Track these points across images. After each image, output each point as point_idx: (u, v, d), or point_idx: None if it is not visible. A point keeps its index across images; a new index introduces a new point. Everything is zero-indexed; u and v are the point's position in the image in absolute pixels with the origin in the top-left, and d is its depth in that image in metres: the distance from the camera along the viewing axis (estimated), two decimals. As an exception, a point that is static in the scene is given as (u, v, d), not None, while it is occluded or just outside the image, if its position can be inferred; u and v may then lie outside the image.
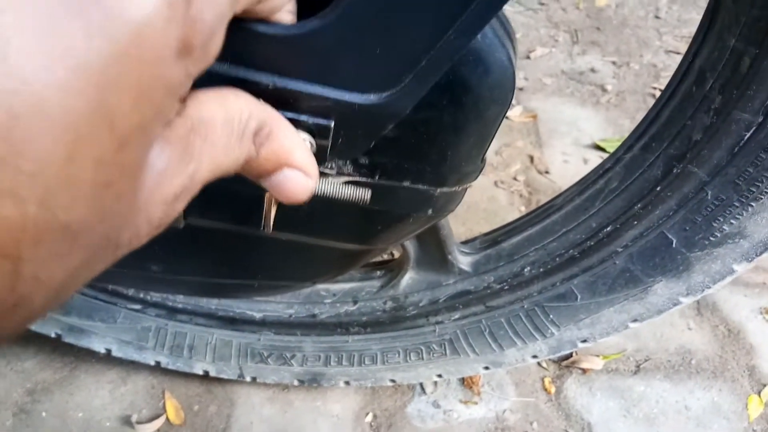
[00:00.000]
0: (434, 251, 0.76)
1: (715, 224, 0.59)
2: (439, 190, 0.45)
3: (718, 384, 0.97)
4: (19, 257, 0.17)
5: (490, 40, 0.36)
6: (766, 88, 0.50)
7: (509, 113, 1.45)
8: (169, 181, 0.23)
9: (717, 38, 0.53)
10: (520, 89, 1.54)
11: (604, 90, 1.55)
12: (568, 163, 1.33)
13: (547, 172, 1.31)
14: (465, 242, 0.80)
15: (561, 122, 1.44)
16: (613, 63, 1.64)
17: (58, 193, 0.18)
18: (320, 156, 0.38)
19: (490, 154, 1.34)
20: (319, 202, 0.45)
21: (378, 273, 0.83)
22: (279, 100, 0.34)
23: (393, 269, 0.82)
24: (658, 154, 0.59)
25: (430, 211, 0.47)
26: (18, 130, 0.16)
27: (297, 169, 0.30)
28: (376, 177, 0.43)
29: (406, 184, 0.44)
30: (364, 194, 0.41)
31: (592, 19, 1.80)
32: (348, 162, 0.42)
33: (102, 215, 0.20)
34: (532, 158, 1.34)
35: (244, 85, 0.33)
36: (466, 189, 0.48)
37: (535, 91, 1.53)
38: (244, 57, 0.33)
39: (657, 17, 1.82)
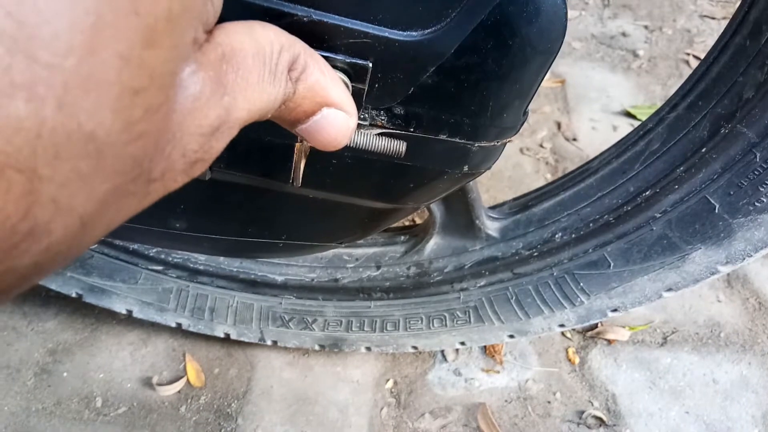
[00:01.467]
0: (461, 216, 0.74)
1: (761, 189, 0.56)
2: (477, 145, 0.43)
3: (747, 357, 0.95)
4: (35, 172, 0.15)
5: (540, -24, 0.33)
6: (830, 40, 0.47)
7: (536, 78, 1.41)
8: (204, 109, 0.21)
9: (777, -14, 0.49)
10: (547, 54, 1.49)
11: (635, 55, 1.49)
12: (597, 130, 1.29)
13: (574, 140, 1.27)
14: (493, 207, 0.77)
15: (590, 88, 1.39)
16: (645, 27, 1.57)
17: (80, 94, 0.15)
18: (356, 101, 0.35)
19: (515, 121, 1.30)
20: (349, 155, 0.43)
21: (402, 238, 0.81)
22: (314, 36, 0.32)
23: (417, 234, 0.80)
24: (705, 113, 0.56)
25: (465, 168, 0.45)
26: (29, 3, 0.13)
27: (337, 107, 0.27)
28: (412, 129, 0.41)
29: (443, 137, 0.41)
30: (399, 147, 0.39)
31: (623, -18, 1.74)
32: (382, 112, 0.40)
33: (131, 130, 0.17)
34: (559, 125, 1.30)
35: (278, 17, 0.31)
36: (505, 144, 0.45)
37: (564, 56, 1.48)
38: None
39: (691, -19, 1.74)
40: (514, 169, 1.22)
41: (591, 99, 1.36)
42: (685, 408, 0.89)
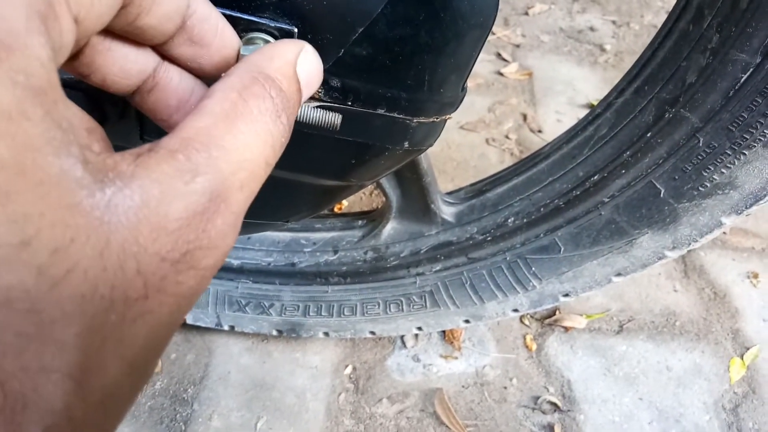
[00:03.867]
0: (417, 200, 0.74)
1: (705, 173, 0.56)
2: (415, 120, 0.43)
3: (701, 346, 0.97)
4: None
5: (471, -54, 0.34)
6: (766, 25, 0.48)
7: (504, 70, 1.41)
8: (158, 211, 0.21)
9: (717, -28, 0.50)
10: (517, 46, 1.50)
11: (602, 50, 1.51)
12: (562, 122, 1.30)
13: (539, 131, 1.28)
14: (449, 192, 0.78)
15: (557, 81, 1.41)
16: (613, 22, 1.59)
17: None
18: (283, 69, 0.35)
19: (482, 111, 1.31)
20: (288, 129, 0.43)
21: (359, 222, 0.81)
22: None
23: (375, 219, 0.80)
24: (651, 98, 0.57)
25: (406, 144, 0.45)
26: None
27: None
28: (349, 102, 0.41)
29: (381, 111, 0.41)
30: (334, 119, 0.39)
31: (593, -23, 1.75)
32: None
33: (46, 276, 0.18)
34: (525, 116, 1.31)
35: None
36: (445, 121, 0.45)
37: (532, 49, 1.49)
38: None
39: (660, -22, 1.77)
40: (479, 159, 1.22)
41: (557, 92, 1.38)
42: (639, 394, 0.90)
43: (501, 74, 1.41)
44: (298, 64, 0.29)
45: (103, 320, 0.19)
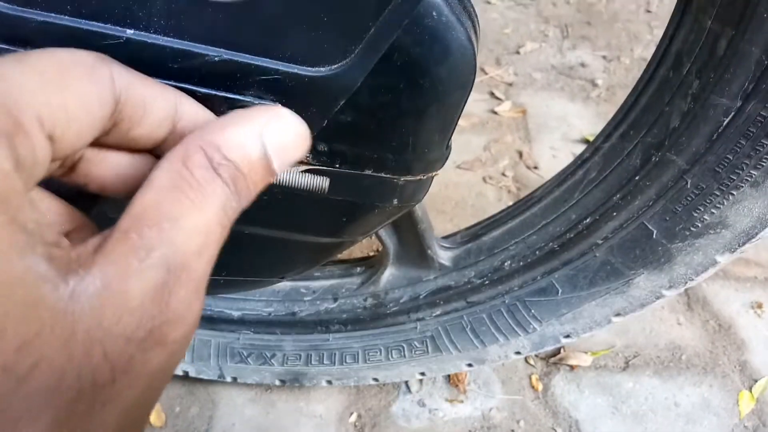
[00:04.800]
0: (414, 246, 0.74)
1: (695, 214, 0.57)
2: (403, 179, 0.43)
3: (709, 380, 0.96)
4: None
5: (446, 17, 0.35)
6: (744, 71, 0.49)
7: (498, 108, 1.43)
8: (117, 294, 0.22)
9: (693, 20, 0.51)
10: (510, 84, 1.52)
11: (594, 85, 1.53)
12: (557, 158, 1.32)
13: (536, 168, 1.30)
14: (446, 237, 0.78)
15: (550, 117, 1.42)
16: (604, 57, 1.62)
17: None
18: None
19: (478, 150, 1.33)
20: (278, 192, 0.44)
21: (358, 269, 0.81)
22: (225, 75, 0.33)
23: (373, 265, 0.81)
24: (636, 143, 0.58)
25: (395, 201, 0.45)
26: None
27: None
28: (337, 165, 0.42)
29: (369, 172, 0.42)
30: (323, 183, 0.40)
31: (582, 14, 1.79)
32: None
33: (11, 372, 0.19)
34: (521, 153, 1.33)
35: (190, 57, 0.32)
36: (432, 177, 0.46)
37: (525, 86, 1.52)
38: (190, 29, 0.32)
39: (648, 11, 1.80)
40: (477, 197, 1.23)
41: (551, 128, 1.39)
42: (648, 432, 0.89)
43: (495, 113, 1.43)
44: (264, 133, 0.28)
45: (71, 411, 0.20)
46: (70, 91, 0.24)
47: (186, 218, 0.24)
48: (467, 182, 1.25)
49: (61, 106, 0.23)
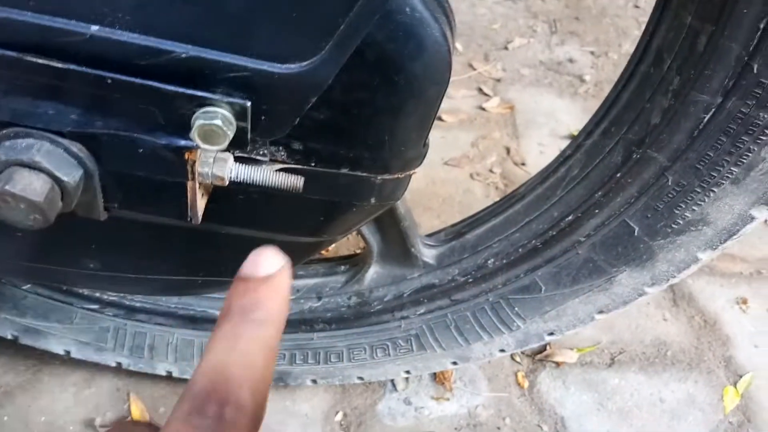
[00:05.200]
0: (397, 244, 0.74)
1: (676, 211, 0.57)
2: (380, 178, 0.43)
3: (694, 376, 0.96)
4: None
5: (420, 14, 0.34)
6: (724, 67, 0.49)
7: (486, 104, 1.43)
8: None
9: (673, 16, 0.51)
10: (498, 80, 1.52)
11: (582, 80, 1.53)
12: (545, 154, 1.31)
13: (523, 164, 1.29)
14: (429, 235, 0.78)
15: (538, 113, 1.42)
16: (592, 53, 1.62)
17: None
18: (241, 138, 0.36)
19: (465, 146, 1.32)
20: (254, 191, 0.43)
21: (342, 268, 0.81)
22: (194, 72, 0.32)
23: (357, 264, 0.80)
24: (618, 140, 0.58)
25: (373, 200, 0.45)
26: None
27: None
28: (312, 164, 0.41)
29: (345, 171, 0.42)
30: (297, 182, 0.39)
31: (570, 9, 1.79)
32: (281, 148, 0.40)
33: None
34: (508, 150, 1.32)
35: (156, 54, 0.31)
36: (410, 176, 0.46)
37: (513, 82, 1.51)
38: (156, 25, 0.31)
39: (636, 6, 1.80)
40: (464, 194, 1.23)
41: (539, 124, 1.39)
42: (634, 428, 0.89)
43: (483, 109, 1.42)
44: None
45: None
46: None
47: None
48: (455, 179, 1.25)
49: None
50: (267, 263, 0.32)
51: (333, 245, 1.12)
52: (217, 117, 0.32)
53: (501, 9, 1.78)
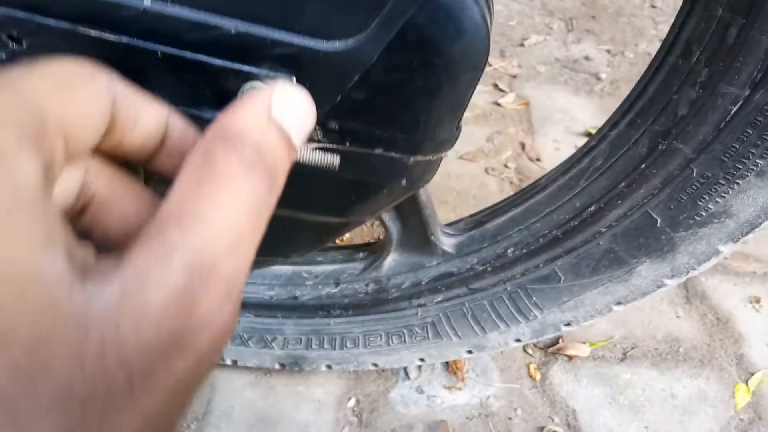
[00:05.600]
0: (417, 232, 0.74)
1: (700, 203, 0.57)
2: (412, 159, 0.44)
3: (706, 372, 0.96)
4: None
5: (461, -4, 0.35)
6: (753, 59, 0.49)
7: (501, 100, 1.44)
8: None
9: (703, 8, 0.51)
10: (513, 77, 1.52)
11: (598, 78, 1.53)
12: (560, 150, 1.32)
13: (538, 160, 1.30)
14: (449, 224, 0.78)
15: (554, 110, 1.43)
16: (608, 51, 1.62)
17: None
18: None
19: (481, 141, 1.33)
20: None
21: (360, 255, 0.81)
22: (241, 48, 0.33)
23: (376, 251, 0.81)
24: (643, 131, 0.58)
25: (404, 182, 0.46)
26: None
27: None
28: (347, 143, 0.42)
29: (379, 151, 0.42)
30: (333, 160, 0.40)
31: (587, 7, 1.79)
32: (317, 127, 0.41)
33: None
34: (523, 145, 1.33)
35: (205, 30, 0.32)
36: (441, 158, 0.46)
37: (529, 79, 1.52)
38: (207, 0, 0.32)
39: (653, 6, 1.80)
40: (479, 188, 1.23)
41: (555, 121, 1.39)
42: (645, 423, 0.90)
43: (498, 104, 1.43)
44: (274, 109, 0.27)
45: (82, 415, 0.19)
46: (77, 96, 0.24)
47: (211, 214, 0.23)
48: (470, 173, 1.26)
49: (71, 110, 0.23)
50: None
51: (349, 234, 1.12)
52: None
53: (517, 6, 1.79)
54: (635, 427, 0.89)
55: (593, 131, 1.33)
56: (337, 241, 1.10)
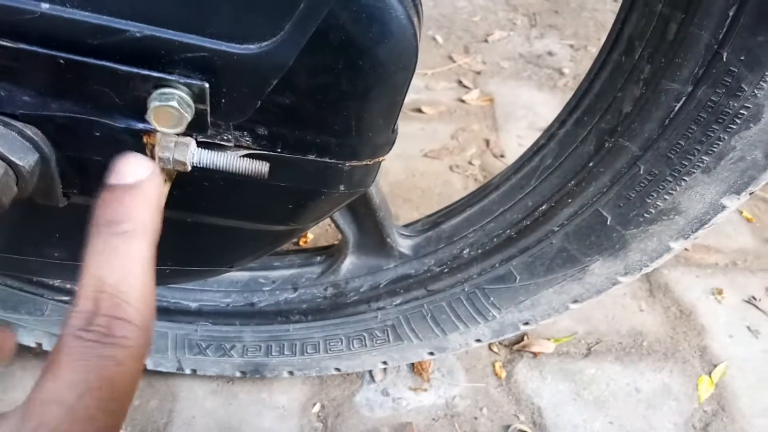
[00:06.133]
0: (373, 235, 0.73)
1: (648, 200, 0.57)
2: (348, 164, 0.42)
3: (669, 365, 0.97)
4: None
5: (384, -4, 0.34)
6: (694, 55, 0.49)
7: (465, 96, 1.43)
8: None
9: (644, 4, 0.51)
10: (478, 73, 1.52)
11: (561, 73, 1.53)
12: (524, 146, 1.31)
13: (502, 156, 1.29)
14: (405, 225, 0.77)
15: (518, 106, 1.42)
16: (571, 46, 1.62)
17: None
18: (201, 121, 0.35)
19: (445, 138, 1.32)
20: (219, 178, 0.42)
21: (318, 258, 0.80)
22: (149, 52, 0.32)
23: (333, 254, 0.80)
24: (590, 129, 0.58)
25: (342, 187, 0.44)
26: None
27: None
28: (278, 149, 0.40)
29: (312, 157, 0.41)
30: (262, 168, 0.39)
31: (550, 3, 1.79)
32: (245, 132, 0.39)
33: None
34: (488, 142, 1.33)
35: (110, 34, 0.31)
36: (380, 163, 0.45)
37: (493, 75, 1.51)
38: (109, 3, 0.30)
39: (615, 0, 1.81)
40: (443, 186, 1.23)
41: (518, 116, 1.39)
42: (609, 418, 0.90)
43: (463, 101, 1.42)
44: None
45: None
46: None
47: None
48: (434, 171, 1.25)
49: None
50: (132, 170, 0.31)
51: (311, 237, 1.11)
52: (174, 98, 0.31)
53: (481, 2, 1.78)
54: (600, 423, 0.89)
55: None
56: (294, 245, 1.08)
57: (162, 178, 0.33)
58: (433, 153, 1.28)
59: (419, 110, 1.38)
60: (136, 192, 0.30)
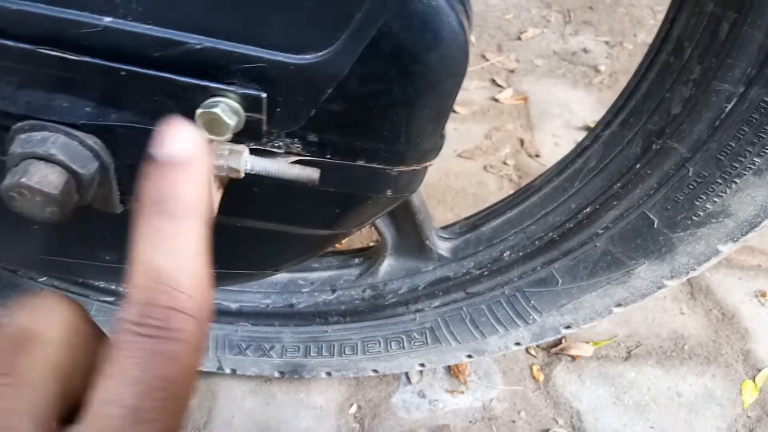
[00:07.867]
0: (412, 237, 0.73)
1: (697, 203, 0.56)
2: (396, 170, 0.43)
3: (712, 369, 0.95)
4: None
5: (436, 2, 0.34)
6: (747, 56, 0.47)
7: (499, 95, 1.42)
8: None
9: (694, 3, 0.50)
10: (511, 71, 1.50)
11: (596, 71, 1.51)
12: (559, 145, 1.30)
13: (537, 156, 1.28)
14: (444, 227, 0.77)
15: (552, 104, 1.41)
16: (606, 43, 1.60)
17: None
18: (255, 130, 0.35)
19: (479, 138, 1.31)
20: (269, 184, 0.43)
21: (356, 260, 0.80)
22: (207, 64, 0.32)
23: (371, 256, 0.80)
24: (637, 130, 0.57)
25: (389, 192, 0.44)
26: None
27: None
28: (328, 156, 0.41)
29: (361, 163, 0.41)
30: (313, 174, 0.39)
31: (585, -1, 1.77)
32: (296, 140, 0.40)
33: None
34: (522, 141, 1.31)
35: (169, 46, 0.31)
36: (426, 168, 0.45)
37: (527, 73, 1.50)
38: (169, 16, 0.31)
39: (653, -4, 1.78)
40: (478, 186, 1.22)
41: (553, 115, 1.38)
42: (650, 423, 0.88)
43: (496, 100, 1.41)
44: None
45: None
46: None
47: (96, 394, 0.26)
48: (468, 171, 1.24)
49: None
50: (180, 143, 0.27)
51: (346, 238, 1.11)
52: (218, 106, 0.32)
53: (514, -1, 1.77)
54: (641, 427, 0.88)
55: (593, 125, 1.31)
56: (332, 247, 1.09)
57: (209, 151, 0.31)
58: (466, 153, 1.28)
59: (452, 110, 1.37)
60: (185, 168, 0.27)
